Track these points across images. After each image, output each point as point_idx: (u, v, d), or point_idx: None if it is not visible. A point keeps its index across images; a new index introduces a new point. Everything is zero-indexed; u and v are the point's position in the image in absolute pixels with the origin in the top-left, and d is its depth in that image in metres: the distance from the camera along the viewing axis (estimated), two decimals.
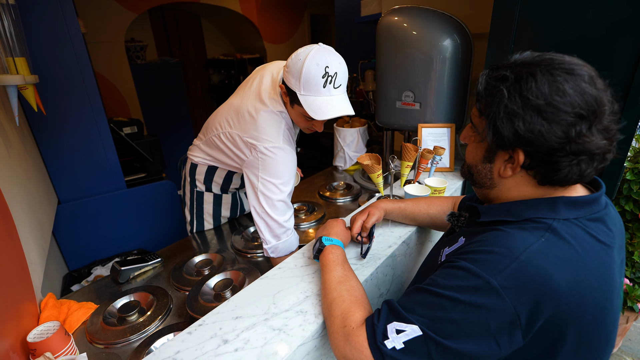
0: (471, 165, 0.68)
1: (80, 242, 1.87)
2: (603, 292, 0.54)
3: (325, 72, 0.98)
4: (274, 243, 1.17)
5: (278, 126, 1.15)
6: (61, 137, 1.70)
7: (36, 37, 1.53)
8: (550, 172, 0.56)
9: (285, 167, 1.14)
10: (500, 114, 0.55)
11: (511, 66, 0.57)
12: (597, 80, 0.54)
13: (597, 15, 0.99)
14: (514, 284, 0.51)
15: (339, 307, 0.68)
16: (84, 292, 1.18)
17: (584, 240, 0.55)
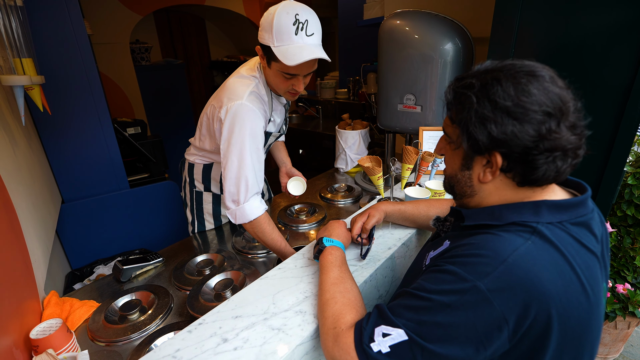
0: (450, 175, 0.69)
1: (83, 241, 1.89)
2: (590, 298, 0.55)
3: (295, 19, 0.99)
4: (232, 208, 1.15)
5: (246, 86, 1.14)
6: (66, 137, 1.72)
7: (43, 38, 1.56)
8: (528, 172, 0.57)
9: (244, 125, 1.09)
10: (472, 119, 0.57)
11: (475, 75, 0.59)
12: (557, 80, 0.56)
13: (597, 20, 0.99)
14: (501, 287, 0.51)
15: (331, 309, 0.69)
16: (86, 290, 1.20)
17: (569, 244, 0.56)
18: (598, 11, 0.99)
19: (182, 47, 4.50)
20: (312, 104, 3.85)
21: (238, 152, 1.10)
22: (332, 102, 3.64)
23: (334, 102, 3.64)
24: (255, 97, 1.14)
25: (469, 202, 0.68)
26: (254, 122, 1.12)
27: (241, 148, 1.10)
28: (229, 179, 1.12)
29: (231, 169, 1.11)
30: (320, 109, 3.70)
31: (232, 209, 1.15)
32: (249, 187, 1.13)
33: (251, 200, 1.14)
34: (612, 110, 1.01)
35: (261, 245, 1.35)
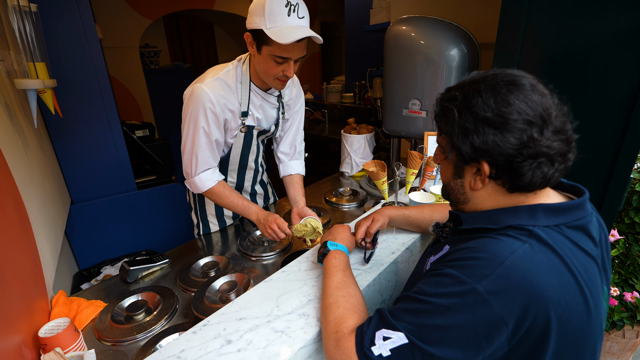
0: (446, 183, 0.71)
1: (91, 242, 1.92)
2: (589, 300, 0.55)
3: (287, 1, 1.01)
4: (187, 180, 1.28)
5: (214, 72, 1.19)
6: (76, 139, 1.76)
7: (55, 42, 1.59)
8: (515, 178, 0.58)
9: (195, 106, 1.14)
10: (456, 131, 0.59)
11: (460, 87, 0.61)
12: (538, 87, 0.58)
13: (603, 26, 0.99)
14: (499, 289, 0.51)
15: (334, 313, 0.69)
16: (93, 290, 1.21)
17: (567, 247, 0.56)
18: (605, 16, 0.99)
19: (190, 50, 4.56)
20: (318, 107, 3.87)
21: (190, 131, 1.18)
22: (338, 106, 3.65)
23: (339, 106, 3.65)
24: (219, 82, 1.17)
25: (464, 208, 0.69)
26: (205, 104, 1.15)
27: (193, 127, 1.18)
28: (183, 154, 1.23)
29: (185, 145, 1.22)
30: (326, 112, 3.72)
31: (186, 180, 1.27)
32: (199, 164, 1.23)
33: (201, 175, 1.25)
34: (618, 116, 1.00)
35: (267, 248, 1.36)
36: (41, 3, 1.39)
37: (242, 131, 1.29)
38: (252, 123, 1.31)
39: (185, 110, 1.18)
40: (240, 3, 3.97)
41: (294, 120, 1.47)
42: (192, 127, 1.18)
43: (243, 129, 1.28)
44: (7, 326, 0.75)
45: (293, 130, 1.48)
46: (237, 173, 1.46)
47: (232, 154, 1.36)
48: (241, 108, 1.24)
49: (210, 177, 1.26)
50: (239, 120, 1.26)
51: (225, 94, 1.18)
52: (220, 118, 1.20)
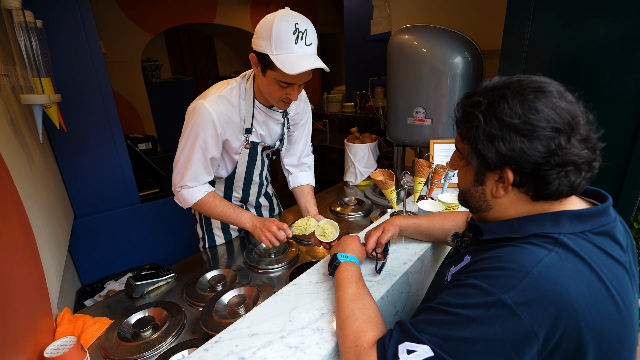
0: (464, 190, 0.69)
1: (95, 257, 1.89)
2: (621, 307, 0.53)
3: (295, 28, 0.98)
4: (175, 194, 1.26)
5: (217, 89, 1.18)
6: (80, 153, 1.76)
7: (60, 57, 1.60)
8: (541, 187, 0.57)
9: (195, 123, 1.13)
10: (480, 137, 0.57)
11: (483, 92, 0.60)
12: (566, 95, 0.57)
13: (610, 31, 0.99)
14: (528, 300, 0.50)
15: (351, 326, 0.67)
16: (98, 307, 1.19)
17: (594, 254, 0.54)
18: (611, 21, 0.99)
19: (191, 64, 4.60)
20: (319, 117, 3.88)
21: (187, 146, 1.17)
22: (339, 115, 3.67)
23: (340, 116, 3.66)
24: (221, 100, 1.16)
25: (487, 215, 0.67)
26: (205, 122, 1.14)
27: (191, 143, 1.16)
28: (175, 167, 1.22)
29: (178, 159, 1.20)
30: (327, 122, 3.73)
31: (175, 196, 1.25)
32: (188, 179, 1.21)
33: (190, 189, 1.23)
34: (629, 121, 1.00)
35: (274, 260, 1.34)
36: (46, 19, 1.40)
37: (247, 148, 1.27)
38: (256, 139, 1.30)
39: (186, 126, 1.17)
40: (240, 16, 4.02)
41: (302, 133, 1.46)
42: (189, 142, 1.17)
43: (247, 146, 1.27)
44: (12, 346, 0.73)
45: (301, 144, 1.47)
46: (242, 188, 1.45)
47: (237, 171, 1.36)
48: (245, 125, 1.22)
49: (198, 189, 1.24)
50: (242, 137, 1.24)
51: (228, 111, 1.17)
52: (220, 136, 1.18)
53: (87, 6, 1.63)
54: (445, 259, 0.86)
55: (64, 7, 1.58)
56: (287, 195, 1.57)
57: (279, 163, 1.56)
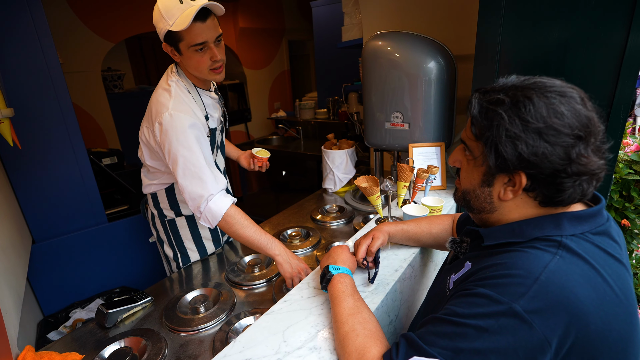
0: (468, 190, 0.67)
1: (57, 284, 1.74)
2: (626, 308, 0.54)
3: None
4: (202, 212, 1.14)
5: (166, 96, 1.16)
6: (37, 172, 1.61)
7: (12, 68, 1.47)
8: (554, 194, 0.57)
9: (180, 132, 1.11)
10: (502, 137, 0.55)
11: (504, 90, 0.58)
12: (587, 102, 0.56)
13: (575, 34, 1.04)
14: (539, 308, 0.49)
15: (353, 343, 0.64)
16: (65, 340, 1.08)
17: (597, 255, 0.55)
18: (575, 25, 1.03)
19: (156, 73, 4.42)
20: (292, 124, 3.85)
21: (183, 159, 1.11)
22: (312, 122, 3.66)
23: (313, 123, 3.65)
24: (179, 101, 1.15)
25: (489, 217, 0.66)
26: (188, 124, 1.12)
27: (185, 153, 1.11)
28: (185, 187, 1.13)
29: (184, 177, 1.12)
30: (300, 129, 3.70)
31: (202, 213, 1.14)
32: (208, 186, 1.12)
33: (216, 197, 1.13)
34: None
35: (258, 276, 1.28)
36: None
37: (208, 135, 1.25)
38: (214, 125, 1.31)
39: (169, 143, 1.11)
40: None
41: None
42: (182, 154, 1.11)
43: (208, 133, 1.25)
44: None
45: None
46: None
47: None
48: (203, 113, 1.24)
49: (225, 197, 1.15)
50: (205, 126, 1.24)
51: (189, 106, 1.18)
52: (201, 128, 1.17)
53: (42, 14, 1.51)
54: (443, 265, 0.85)
55: (15, 15, 1.45)
56: (262, 204, 1.53)
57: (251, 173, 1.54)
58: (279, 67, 4.91)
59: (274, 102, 4.93)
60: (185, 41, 1.09)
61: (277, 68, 4.87)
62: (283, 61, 4.95)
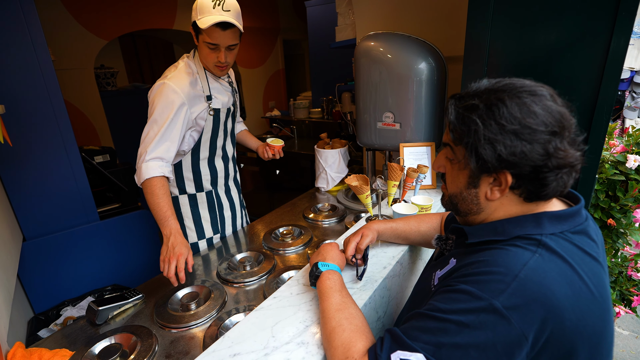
0: (454, 194, 0.68)
1: (48, 281, 1.73)
2: (600, 305, 0.56)
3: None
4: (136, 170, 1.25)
5: (173, 67, 1.35)
6: (28, 169, 1.60)
7: (3, 66, 1.46)
8: (539, 189, 0.58)
9: (161, 99, 1.25)
10: (481, 141, 0.57)
11: (477, 94, 0.60)
12: (557, 98, 0.59)
13: (560, 37, 1.07)
14: (517, 304, 0.51)
15: (339, 338, 0.66)
16: (56, 337, 1.08)
17: (574, 253, 0.57)
18: (561, 28, 1.06)
19: (149, 71, 4.40)
20: (287, 124, 3.86)
21: (157, 122, 1.25)
22: (306, 121, 3.67)
23: (308, 122, 3.67)
24: (181, 76, 1.31)
25: (475, 219, 0.68)
26: (174, 98, 1.26)
27: (159, 119, 1.25)
28: (142, 142, 1.27)
29: (146, 134, 1.26)
30: (294, 128, 3.71)
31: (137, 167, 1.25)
32: (156, 151, 1.25)
33: (151, 161, 1.24)
34: (582, 120, 1.07)
35: (249, 273, 1.29)
36: None
37: (211, 114, 1.41)
38: (218, 106, 1.44)
39: (154, 106, 1.26)
40: None
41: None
42: (161, 118, 1.25)
43: (211, 112, 1.41)
44: None
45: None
46: (208, 162, 1.52)
47: (202, 139, 1.44)
48: (205, 93, 1.38)
49: (159, 166, 1.25)
50: (205, 104, 1.38)
51: (190, 83, 1.33)
52: (187, 109, 1.30)
53: (33, 11, 1.50)
54: (429, 262, 0.87)
55: (6, 12, 1.44)
56: (256, 204, 1.54)
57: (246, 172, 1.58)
58: (274, 66, 4.92)
59: (268, 101, 4.94)
60: (203, 36, 1.27)
61: (272, 67, 4.87)
62: (278, 60, 4.96)
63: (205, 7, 1.23)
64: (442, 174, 0.73)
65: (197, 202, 1.54)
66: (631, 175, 1.56)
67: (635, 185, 1.54)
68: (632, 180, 1.56)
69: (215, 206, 1.59)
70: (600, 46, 1.00)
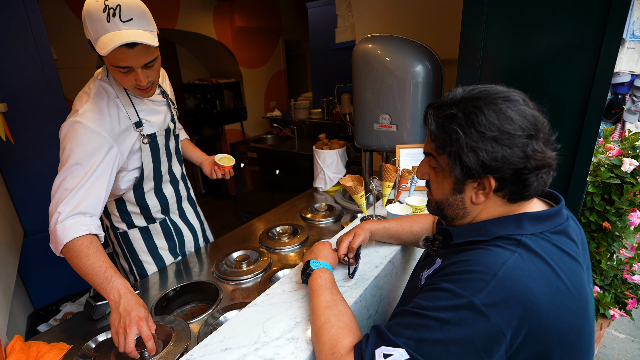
0: (440, 200, 0.70)
1: (48, 277, 1.75)
2: (578, 302, 0.58)
3: (104, 5, 0.90)
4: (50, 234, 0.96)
5: (83, 98, 1.05)
6: (29, 166, 1.63)
7: (5, 63, 1.49)
8: (521, 190, 0.61)
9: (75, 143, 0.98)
10: (464, 149, 0.59)
11: (455, 103, 0.62)
12: (529, 102, 0.61)
13: (552, 42, 1.09)
14: (496, 301, 0.53)
15: (327, 333, 0.68)
16: (54, 332, 1.10)
17: (552, 253, 0.59)
18: (553, 32, 1.08)
19: None
20: (287, 124, 3.88)
21: (68, 171, 0.97)
22: (307, 122, 3.68)
23: (308, 122, 3.68)
24: (96, 108, 1.03)
25: (461, 222, 0.70)
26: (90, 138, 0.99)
27: (72, 166, 0.97)
28: (52, 197, 0.97)
29: (56, 186, 0.97)
30: (295, 129, 3.73)
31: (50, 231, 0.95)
32: (66, 206, 0.95)
33: (68, 220, 0.94)
34: (571, 124, 1.09)
35: (245, 271, 1.31)
36: None
37: (145, 142, 1.15)
38: (152, 130, 1.19)
39: (66, 153, 0.98)
40: (202, 22, 3.94)
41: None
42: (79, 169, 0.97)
43: (145, 140, 1.15)
44: None
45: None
46: (155, 191, 1.29)
47: (144, 172, 1.20)
48: (132, 120, 1.11)
49: (82, 223, 0.95)
50: (136, 133, 1.12)
51: (110, 116, 1.06)
52: (115, 150, 1.05)
53: (36, 9, 1.53)
54: (418, 263, 0.89)
55: (10, 10, 1.47)
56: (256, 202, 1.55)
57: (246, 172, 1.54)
58: (276, 67, 4.94)
59: (269, 102, 4.96)
60: (107, 59, 0.97)
61: (273, 67, 4.90)
62: (280, 61, 4.98)
63: (95, 19, 0.91)
64: (427, 181, 0.74)
65: (151, 234, 1.34)
66: (626, 178, 1.57)
67: (630, 188, 1.56)
68: (627, 183, 1.57)
69: (173, 234, 1.40)
70: (591, 51, 1.02)
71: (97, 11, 0.90)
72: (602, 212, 1.72)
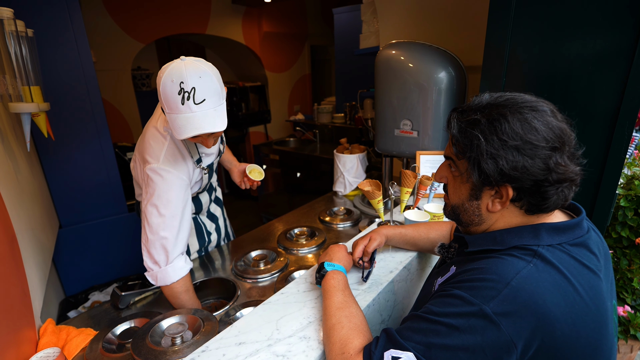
0: (457, 205, 0.69)
1: (79, 267, 1.86)
2: (596, 317, 0.56)
3: (180, 88, 0.91)
4: (154, 270, 1.07)
5: (160, 145, 1.09)
6: (67, 162, 1.74)
7: (50, 66, 1.60)
8: (540, 202, 0.59)
9: (163, 191, 1.06)
10: (484, 155, 0.58)
11: (479, 109, 0.61)
12: (557, 113, 0.59)
13: (582, 49, 1.05)
14: (507, 311, 0.52)
15: (338, 334, 0.69)
16: (82, 317, 1.17)
17: (571, 265, 0.57)
18: (583, 40, 1.04)
19: None
20: (309, 128, 3.92)
21: (156, 213, 1.05)
22: (329, 126, 3.71)
23: (330, 126, 3.71)
24: (170, 155, 1.10)
25: (477, 229, 0.69)
26: (171, 183, 1.07)
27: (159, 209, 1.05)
28: (149, 240, 1.06)
29: (150, 229, 1.05)
30: (317, 133, 3.77)
31: (153, 270, 1.07)
32: (173, 248, 1.06)
33: (175, 262, 1.07)
34: (600, 135, 1.05)
35: (262, 270, 1.34)
36: (38, 28, 1.41)
37: (205, 173, 1.28)
38: (209, 161, 1.29)
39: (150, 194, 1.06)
40: (232, 27, 4.06)
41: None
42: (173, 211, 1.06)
43: (205, 171, 1.27)
44: None
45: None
46: (194, 198, 1.39)
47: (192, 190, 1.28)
48: (194, 157, 1.20)
49: (185, 264, 1.10)
50: (198, 168, 1.22)
51: (184, 160, 1.14)
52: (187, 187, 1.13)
53: (79, 15, 1.64)
54: (433, 269, 0.88)
55: (56, 16, 1.58)
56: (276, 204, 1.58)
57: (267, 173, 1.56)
58: (301, 71, 5.01)
59: (293, 105, 5.03)
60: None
61: (298, 72, 4.97)
62: (305, 65, 5.05)
63: (170, 100, 0.93)
64: (445, 185, 0.74)
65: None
66: None
67: None
68: None
69: (204, 231, 1.50)
70: (622, 61, 0.98)
71: (172, 92, 0.92)
72: (635, 227, 1.63)
